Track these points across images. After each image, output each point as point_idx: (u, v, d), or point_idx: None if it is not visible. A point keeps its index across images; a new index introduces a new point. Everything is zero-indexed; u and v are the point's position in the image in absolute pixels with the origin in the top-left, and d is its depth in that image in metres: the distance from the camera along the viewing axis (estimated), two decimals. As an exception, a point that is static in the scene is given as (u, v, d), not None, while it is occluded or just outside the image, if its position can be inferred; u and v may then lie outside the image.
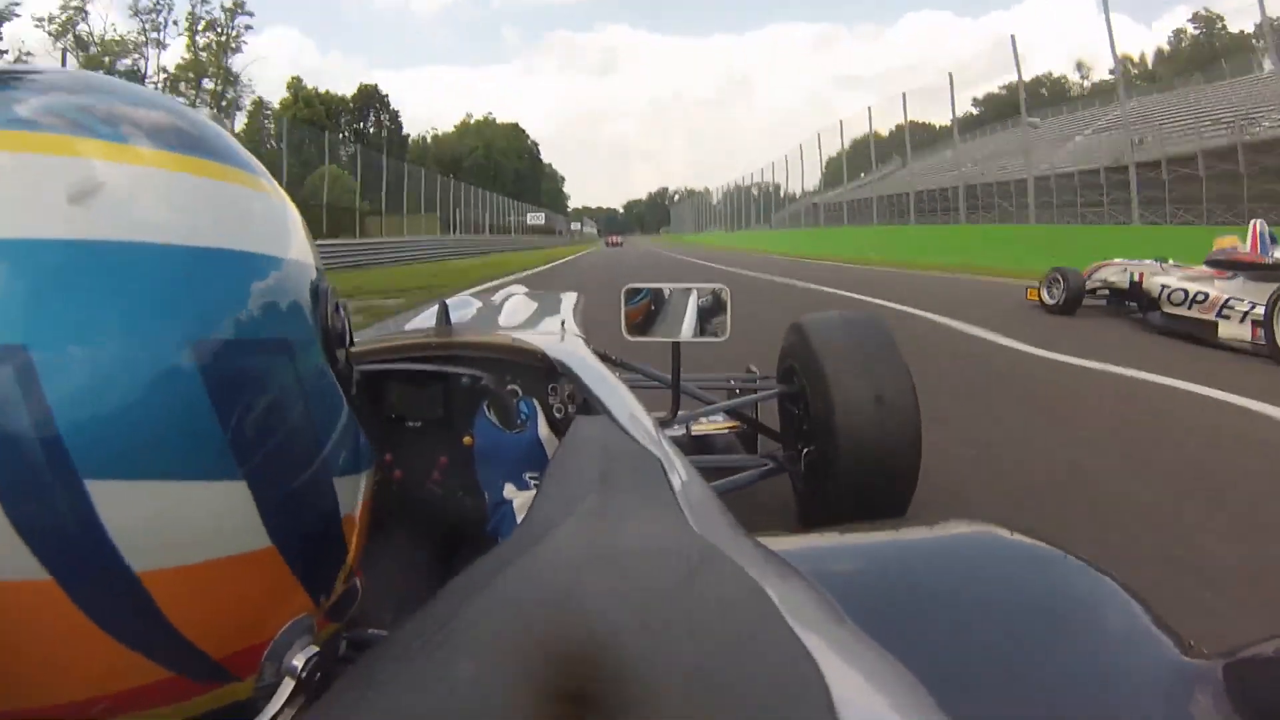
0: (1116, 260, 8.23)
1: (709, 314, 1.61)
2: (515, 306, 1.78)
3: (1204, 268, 6.70)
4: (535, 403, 0.86)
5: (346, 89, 55.11)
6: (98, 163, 0.30)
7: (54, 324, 0.27)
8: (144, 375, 0.29)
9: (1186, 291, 6.53)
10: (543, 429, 0.82)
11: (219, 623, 0.32)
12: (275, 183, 0.39)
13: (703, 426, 2.38)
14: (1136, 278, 7.48)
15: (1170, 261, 7.49)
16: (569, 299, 1.97)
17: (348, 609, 0.40)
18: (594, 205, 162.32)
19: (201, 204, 0.33)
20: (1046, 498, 2.51)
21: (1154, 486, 2.59)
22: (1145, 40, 63.11)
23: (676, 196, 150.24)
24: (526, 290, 2.07)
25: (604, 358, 1.43)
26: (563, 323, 1.41)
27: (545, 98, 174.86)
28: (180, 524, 0.30)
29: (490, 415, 0.84)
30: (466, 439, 0.91)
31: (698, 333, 1.57)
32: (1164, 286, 6.85)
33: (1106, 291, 8.01)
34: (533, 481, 0.78)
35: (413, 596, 0.38)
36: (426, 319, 1.27)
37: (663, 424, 1.23)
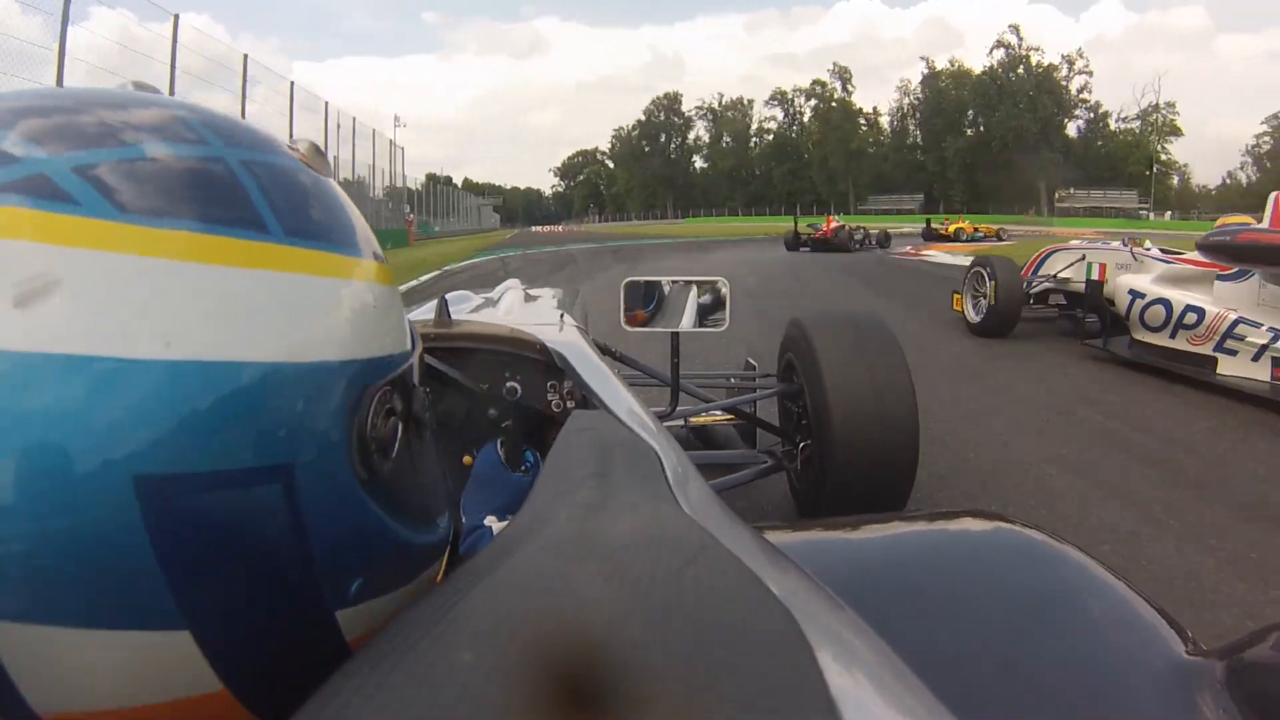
0: (1075, 242, 5.61)
1: (708, 310, 1.67)
2: (513, 300, 1.79)
3: (1193, 257, 4.35)
4: (539, 455, 0.87)
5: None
6: (61, 251, 0.25)
7: None
8: (76, 513, 0.25)
9: (1169, 306, 4.26)
10: None
11: None
12: (362, 251, 0.35)
13: (701, 418, 2.45)
14: (1096, 273, 4.83)
15: (1145, 245, 4.86)
16: (568, 294, 2.02)
17: None
18: (508, 185, 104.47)
19: (196, 304, 0.27)
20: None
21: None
22: (1074, 33, 57.38)
23: (698, 123, 77.85)
24: (524, 285, 2.10)
25: (603, 349, 1.52)
26: (561, 315, 1.42)
27: (467, 83, 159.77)
28: (99, 670, 0.27)
29: (499, 450, 0.87)
30: (466, 459, 0.95)
31: (697, 325, 1.64)
32: (1134, 295, 4.50)
33: (1062, 297, 5.36)
34: None
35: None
36: (425, 313, 1.25)
37: (661, 417, 1.40)
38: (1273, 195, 4.07)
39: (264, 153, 0.33)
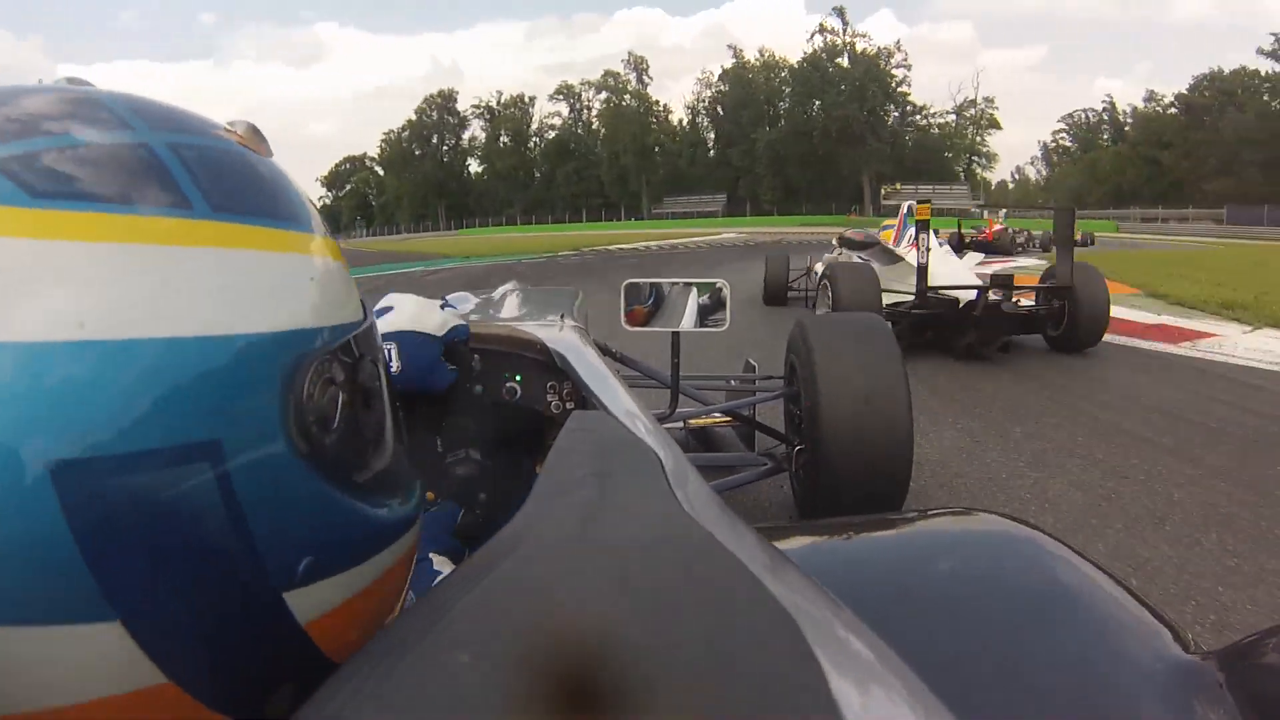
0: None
1: (709, 310, 1.66)
2: (513, 302, 1.76)
3: (845, 251, 6.59)
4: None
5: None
6: None
7: None
8: None
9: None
10: None
11: None
12: (301, 225, 0.34)
13: (700, 419, 2.44)
14: (809, 262, 7.29)
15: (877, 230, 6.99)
16: (567, 294, 1.96)
17: None
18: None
19: (110, 284, 0.26)
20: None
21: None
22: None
23: (474, 123, 65.71)
24: (522, 286, 2.05)
25: (604, 350, 1.50)
26: (561, 315, 1.39)
27: (245, 91, 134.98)
28: (35, 667, 0.25)
29: (461, 518, 0.87)
30: (430, 494, 0.96)
31: (697, 325, 1.63)
32: (816, 276, 6.46)
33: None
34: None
35: None
36: None
37: (660, 418, 1.41)
38: (904, 204, 5.83)
39: (193, 135, 0.32)
